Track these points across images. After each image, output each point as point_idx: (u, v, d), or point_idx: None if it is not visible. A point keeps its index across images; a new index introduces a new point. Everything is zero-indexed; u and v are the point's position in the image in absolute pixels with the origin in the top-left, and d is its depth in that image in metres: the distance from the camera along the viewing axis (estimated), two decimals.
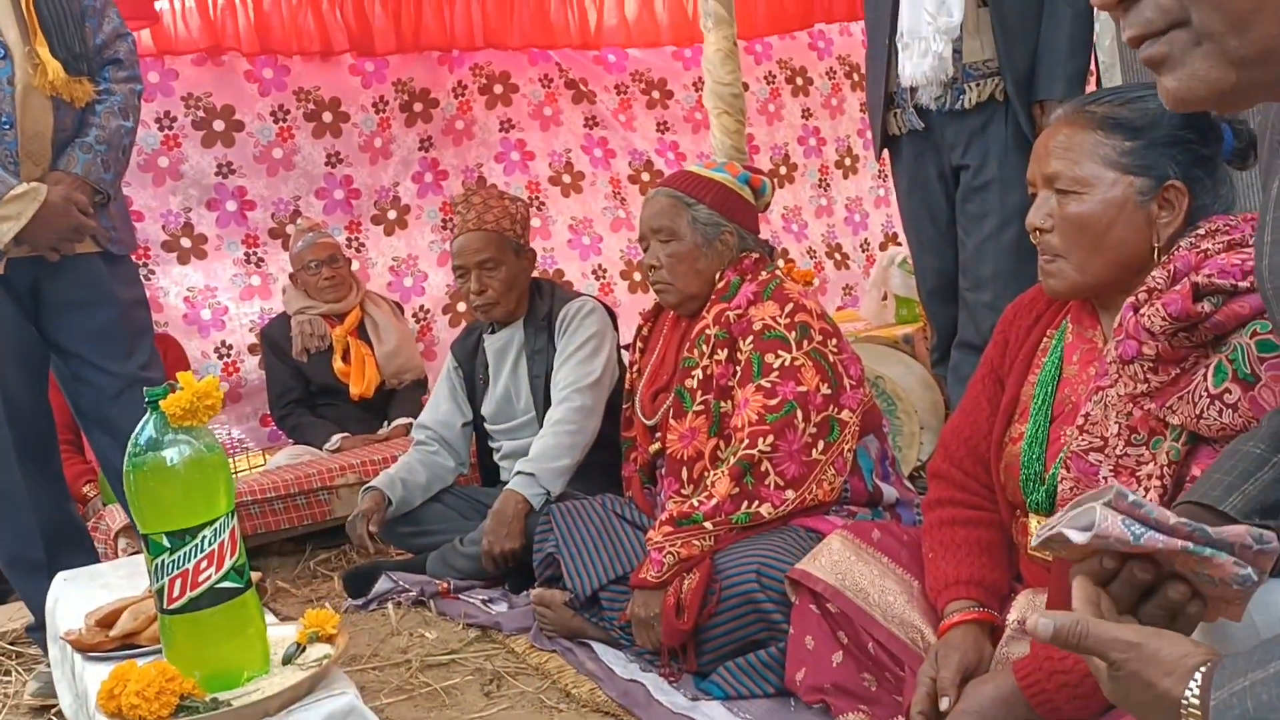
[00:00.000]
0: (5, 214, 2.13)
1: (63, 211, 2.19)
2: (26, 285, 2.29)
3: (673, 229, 2.21)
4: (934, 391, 3.30)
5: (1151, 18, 0.69)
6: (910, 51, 2.44)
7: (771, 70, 5.16)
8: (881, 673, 1.54)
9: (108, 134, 2.29)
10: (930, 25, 2.37)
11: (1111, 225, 1.36)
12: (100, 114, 2.29)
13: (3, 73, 2.13)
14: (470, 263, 2.75)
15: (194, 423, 1.46)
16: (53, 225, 2.19)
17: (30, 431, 2.33)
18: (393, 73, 4.32)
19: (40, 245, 2.21)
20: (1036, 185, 1.44)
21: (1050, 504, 1.42)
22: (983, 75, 2.41)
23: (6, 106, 2.14)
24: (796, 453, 1.96)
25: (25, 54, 2.16)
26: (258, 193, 4.14)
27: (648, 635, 1.94)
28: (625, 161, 4.84)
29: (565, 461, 2.58)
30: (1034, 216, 1.42)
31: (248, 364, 4.13)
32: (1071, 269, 1.39)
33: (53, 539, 2.34)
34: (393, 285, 4.38)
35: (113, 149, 2.30)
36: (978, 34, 2.39)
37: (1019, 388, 1.54)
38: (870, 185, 5.48)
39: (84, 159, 2.25)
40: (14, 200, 2.13)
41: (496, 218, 2.77)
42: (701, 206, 2.21)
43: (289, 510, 3.21)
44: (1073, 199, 1.38)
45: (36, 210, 2.15)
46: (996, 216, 2.47)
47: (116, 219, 2.39)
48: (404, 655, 2.29)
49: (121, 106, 2.33)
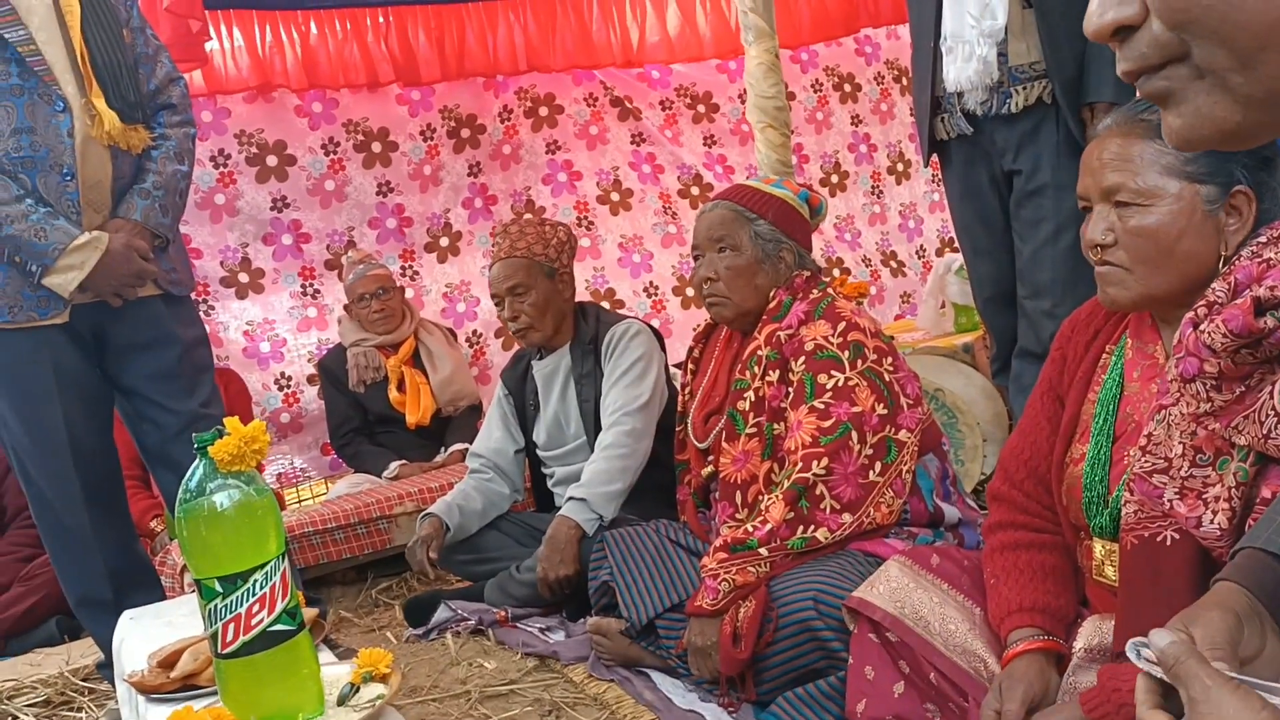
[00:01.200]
0: (69, 263, 2.18)
1: (124, 259, 2.24)
2: (90, 330, 2.34)
3: (734, 241, 2.18)
4: (996, 402, 3.23)
5: (1147, 52, 0.64)
6: (954, 55, 2.39)
7: (818, 78, 5.11)
8: (945, 703, 1.49)
9: (164, 179, 2.33)
10: (974, 29, 2.33)
11: (1181, 236, 1.31)
12: (156, 160, 2.34)
13: (63, 125, 2.19)
14: (501, 290, 2.76)
15: (242, 467, 1.47)
16: (115, 272, 2.24)
17: (97, 473, 2.38)
18: (439, 100, 4.36)
19: (103, 292, 2.26)
20: (1090, 199, 1.39)
21: (1114, 528, 1.36)
22: (1029, 78, 2.35)
23: (67, 158, 2.19)
24: (853, 475, 1.92)
25: (83, 106, 2.21)
26: (312, 225, 4.20)
27: (705, 664, 1.91)
28: (674, 176, 4.83)
29: (617, 486, 2.56)
30: (1093, 232, 1.37)
31: (307, 394, 4.18)
32: (1137, 282, 1.34)
33: (120, 579, 2.38)
34: (446, 311, 4.41)
35: (170, 193, 2.35)
36: (1023, 36, 2.34)
37: (1079, 406, 1.49)
38: (924, 190, 5.40)
39: (143, 205, 2.30)
40: (77, 250, 2.18)
41: (528, 244, 2.78)
42: (763, 222, 2.18)
43: (350, 540, 3.24)
44: (1137, 212, 1.33)
45: (99, 259, 2.20)
46: (1052, 222, 2.41)
47: (175, 260, 2.44)
48: (463, 686, 2.29)
49: (177, 151, 2.38)
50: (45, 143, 2.17)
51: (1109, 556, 1.40)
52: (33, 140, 2.16)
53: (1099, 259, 1.38)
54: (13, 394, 2.29)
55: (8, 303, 2.21)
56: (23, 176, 2.17)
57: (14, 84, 2.15)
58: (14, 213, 2.13)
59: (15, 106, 2.14)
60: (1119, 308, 1.41)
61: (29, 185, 2.17)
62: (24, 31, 2.14)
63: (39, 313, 2.22)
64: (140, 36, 2.36)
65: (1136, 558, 1.27)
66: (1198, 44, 0.61)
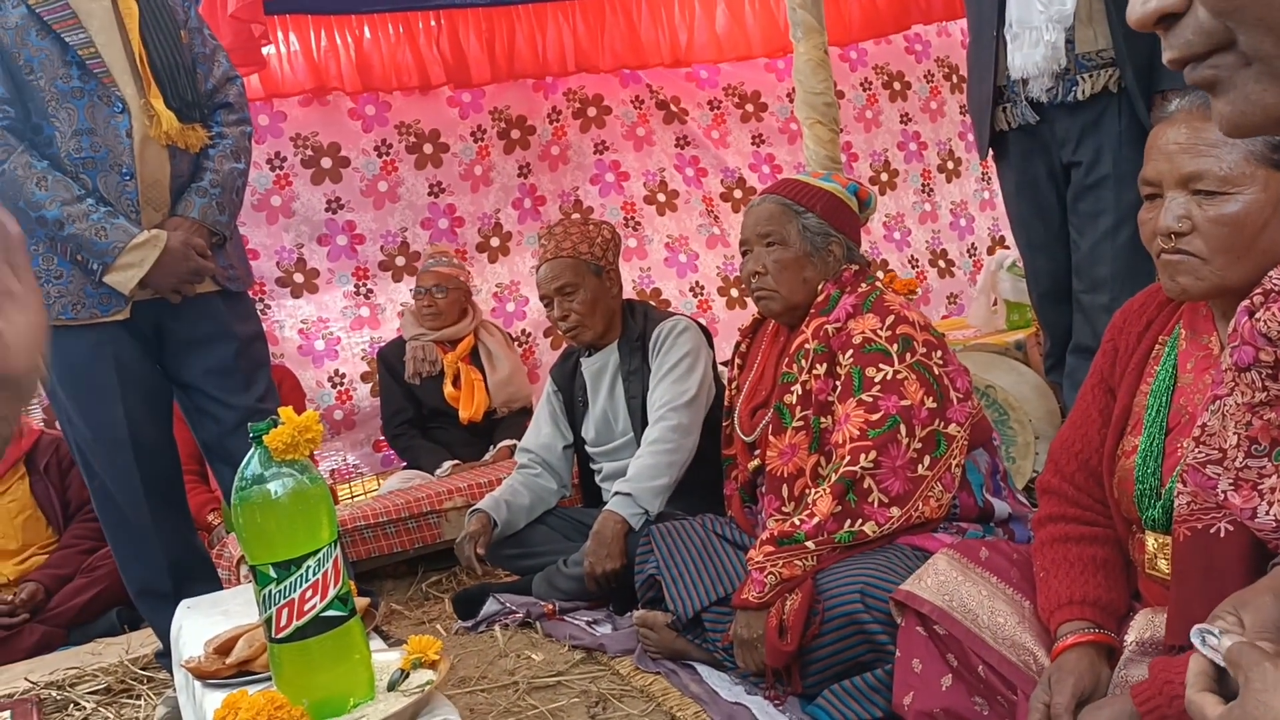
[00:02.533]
0: (128, 261, 2.23)
1: (182, 256, 2.28)
2: (151, 326, 2.39)
3: (782, 235, 2.17)
4: (1049, 399, 3.19)
5: (1192, 39, 0.62)
6: (1020, 42, 2.36)
7: (868, 76, 5.08)
8: (993, 696, 1.47)
9: (221, 177, 2.37)
10: (1042, 14, 2.30)
11: (1265, 226, 1.28)
12: (214, 158, 2.38)
13: (121, 126, 2.23)
14: (550, 290, 2.78)
15: (296, 456, 1.50)
16: (173, 270, 2.28)
17: (157, 468, 2.43)
18: (489, 102, 4.41)
19: (163, 289, 2.30)
20: (1161, 186, 1.35)
21: (1167, 520, 1.34)
22: (1096, 66, 2.32)
23: (126, 158, 2.24)
24: (901, 469, 1.91)
25: (141, 106, 2.25)
26: (366, 226, 4.27)
27: (751, 657, 1.91)
28: (717, 180, 4.83)
29: (663, 481, 2.57)
30: (1167, 220, 1.33)
31: (360, 392, 4.25)
32: (1213, 273, 1.31)
33: (179, 571, 2.43)
34: (496, 311, 4.45)
35: (227, 191, 2.39)
36: (1091, 23, 2.30)
37: (1131, 398, 1.47)
38: (975, 189, 5.34)
39: (200, 203, 2.33)
40: (137, 248, 2.23)
41: (574, 243, 2.79)
42: (811, 215, 2.18)
43: (400, 534, 3.28)
44: (1219, 200, 1.29)
45: (158, 256, 2.25)
46: (1112, 214, 2.37)
47: (233, 257, 2.48)
48: (511, 677, 2.31)
49: (233, 149, 2.42)
50: (105, 143, 2.22)
51: (1161, 549, 1.38)
52: (93, 141, 2.21)
53: (1171, 247, 1.34)
54: (77, 391, 2.35)
55: (70, 300, 2.26)
56: (84, 177, 2.22)
57: (75, 86, 2.20)
58: (76, 212, 2.18)
59: (76, 109, 2.20)
60: (1188, 298, 1.37)
61: (90, 185, 2.22)
62: (84, 35, 2.19)
63: (101, 310, 2.28)
64: (198, 36, 2.40)
65: (1190, 550, 1.26)
66: (1243, 31, 0.60)
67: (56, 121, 2.21)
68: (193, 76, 2.36)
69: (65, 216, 2.18)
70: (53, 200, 2.18)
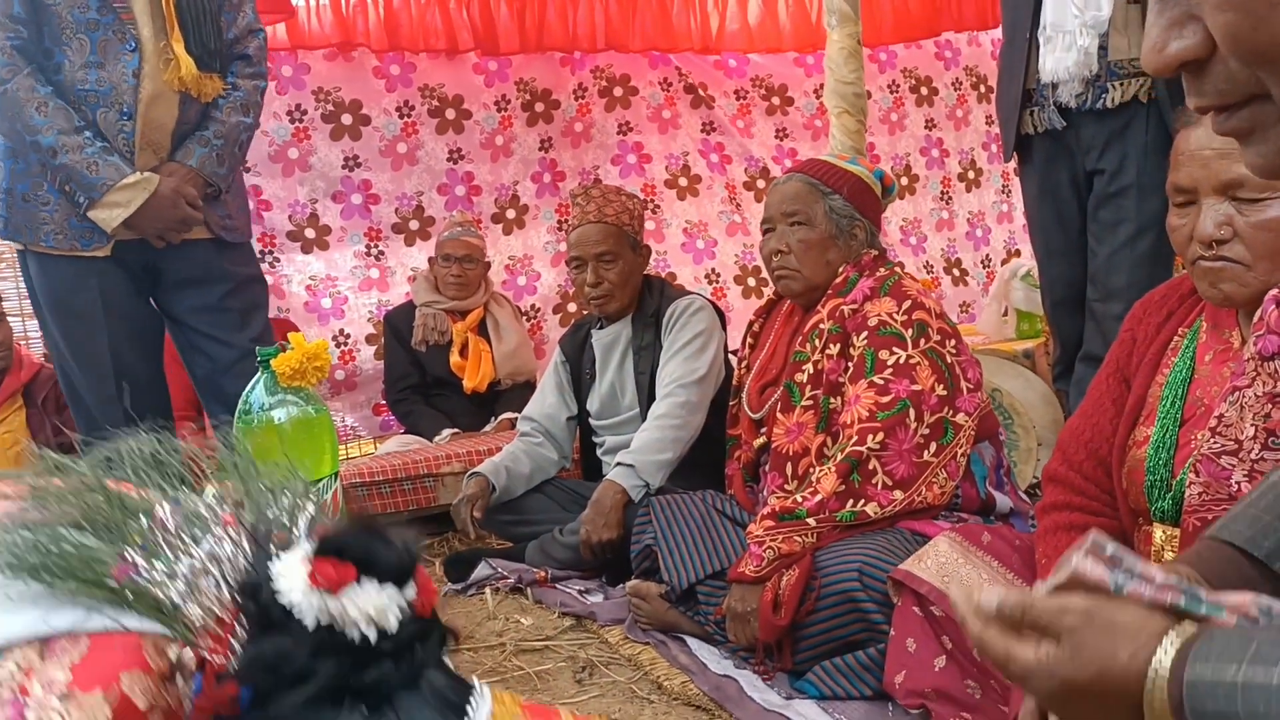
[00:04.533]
0: (115, 200, 2.22)
1: (171, 203, 2.27)
2: (140, 264, 2.38)
3: (808, 214, 2.16)
4: (1054, 407, 3.17)
5: (1225, 89, 0.59)
6: (1053, 45, 2.35)
7: (895, 79, 5.06)
8: (986, 680, 1.46)
9: (227, 129, 2.36)
10: (1076, 19, 2.29)
11: None
12: (223, 109, 2.37)
13: (130, 65, 2.22)
14: (589, 254, 2.75)
15: (302, 383, 1.49)
16: (160, 215, 2.27)
17: (143, 402, 2.42)
18: (515, 72, 4.39)
19: (147, 233, 2.29)
20: (1196, 192, 1.33)
21: (1176, 512, 1.33)
22: (1128, 75, 2.31)
23: (128, 98, 2.23)
24: (907, 453, 1.89)
25: (159, 49, 2.24)
26: (382, 187, 4.25)
27: (743, 630, 1.90)
28: (741, 168, 4.81)
29: (666, 455, 2.56)
30: (1205, 226, 1.31)
31: (363, 353, 4.23)
32: (1256, 279, 1.29)
33: None
34: (507, 283, 4.44)
35: (229, 144, 2.37)
36: (1125, 31, 2.29)
37: (1146, 388, 1.45)
38: (994, 200, 5.33)
39: (200, 152, 2.33)
40: (125, 188, 2.22)
41: (616, 212, 2.77)
42: (838, 197, 2.16)
43: (395, 495, 3.26)
44: (1261, 206, 1.27)
45: (146, 200, 2.23)
46: (1132, 224, 2.36)
47: (232, 208, 2.47)
48: (499, 639, 2.30)
49: (244, 102, 2.41)
50: (110, 79, 2.21)
51: (1169, 542, 1.36)
52: (99, 75, 2.21)
53: (1211, 254, 1.32)
54: (61, 318, 2.35)
55: (54, 229, 2.26)
56: (85, 110, 2.22)
57: (91, 18, 2.19)
58: (71, 143, 2.18)
59: (89, 40, 2.19)
60: (1230, 304, 1.36)
61: (90, 119, 2.22)
62: None
63: (82, 244, 2.27)
64: None
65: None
66: (1276, 83, 0.57)
67: (68, 50, 2.20)
68: (217, 23, 2.34)
69: (60, 145, 2.18)
70: (50, 127, 2.18)
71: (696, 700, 1.87)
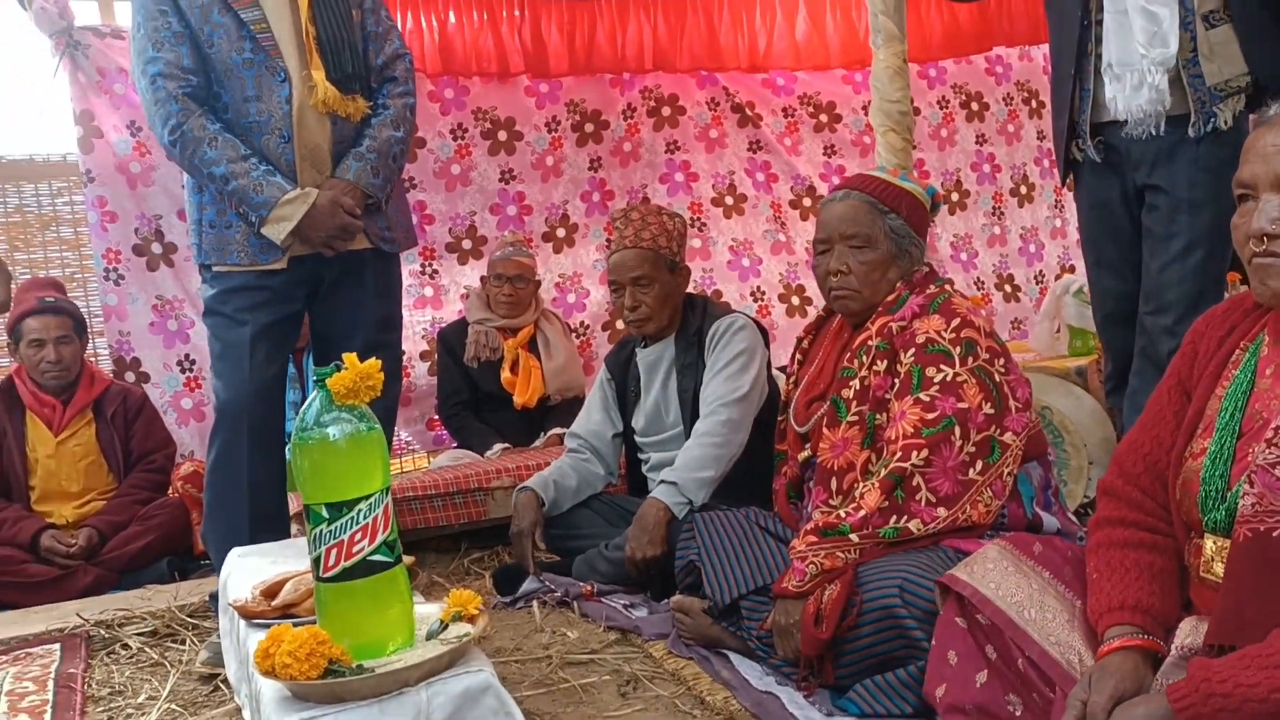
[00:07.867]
0: (281, 214, 2.43)
1: (329, 213, 2.46)
2: (308, 283, 2.59)
3: (869, 235, 2.14)
4: (1105, 425, 3.14)
5: None
6: (1122, 84, 2.34)
7: (945, 95, 5.05)
8: (1029, 694, 1.46)
9: (379, 144, 2.55)
10: (1144, 57, 2.27)
11: None
12: (375, 126, 2.57)
13: (282, 94, 2.45)
14: (625, 279, 2.79)
15: (356, 401, 1.54)
16: (321, 224, 2.46)
17: (266, 411, 2.57)
18: (566, 94, 4.46)
19: (313, 242, 2.49)
20: (1255, 188, 1.34)
21: (1229, 524, 1.32)
22: (1229, 94, 2.31)
23: (283, 124, 2.46)
24: (952, 470, 1.89)
25: (303, 78, 2.46)
26: (436, 207, 4.34)
27: (786, 644, 1.91)
28: (787, 186, 4.83)
29: (709, 473, 2.58)
30: (1261, 222, 1.32)
31: (418, 370, 4.31)
32: None
33: (258, 524, 2.51)
34: (557, 301, 4.50)
35: (383, 157, 2.56)
36: (1213, 57, 2.29)
37: (1204, 401, 1.45)
38: (1047, 215, 5.29)
39: (356, 166, 2.52)
40: (288, 203, 2.43)
41: (653, 235, 2.81)
42: (896, 217, 2.16)
43: (447, 508, 3.32)
44: None
45: (307, 210, 2.43)
46: (1185, 237, 2.35)
47: (392, 220, 2.65)
48: (545, 651, 2.33)
49: (394, 119, 2.60)
50: (268, 109, 2.45)
51: (1219, 553, 1.35)
52: (258, 107, 2.45)
53: (1263, 250, 1.32)
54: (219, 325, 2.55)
55: (237, 248, 2.49)
56: (250, 139, 2.45)
57: (246, 58, 2.44)
58: (240, 170, 2.41)
59: (247, 78, 2.44)
60: (1279, 302, 1.36)
61: (255, 146, 2.45)
62: (258, 12, 2.44)
63: (261, 258, 2.49)
64: (371, 17, 2.61)
65: (1247, 550, 1.24)
66: None
67: (231, 89, 2.45)
68: (358, 52, 2.55)
69: (230, 173, 2.41)
70: (221, 158, 2.41)
71: (739, 716, 1.88)
